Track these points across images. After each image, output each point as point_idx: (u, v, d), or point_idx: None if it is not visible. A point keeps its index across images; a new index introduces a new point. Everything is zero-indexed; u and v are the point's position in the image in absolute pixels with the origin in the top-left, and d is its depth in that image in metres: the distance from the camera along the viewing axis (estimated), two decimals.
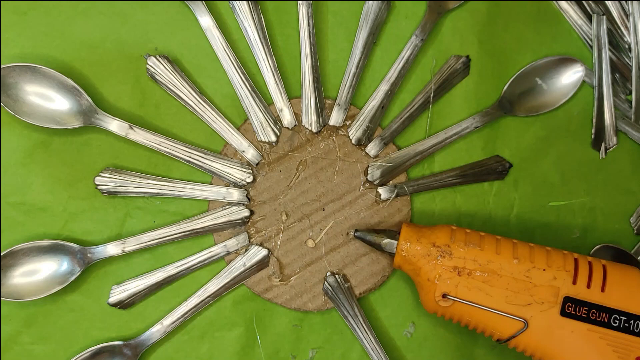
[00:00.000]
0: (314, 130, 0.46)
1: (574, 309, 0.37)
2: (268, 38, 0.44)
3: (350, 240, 0.45)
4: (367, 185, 0.46)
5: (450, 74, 0.46)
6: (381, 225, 0.45)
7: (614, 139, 0.47)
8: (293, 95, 0.46)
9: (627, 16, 0.47)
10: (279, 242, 0.45)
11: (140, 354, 0.43)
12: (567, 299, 0.38)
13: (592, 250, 0.46)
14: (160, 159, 0.45)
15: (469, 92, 0.47)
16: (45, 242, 0.42)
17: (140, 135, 0.43)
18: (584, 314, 0.37)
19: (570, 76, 0.46)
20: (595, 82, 0.47)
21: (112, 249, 0.43)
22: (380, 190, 0.46)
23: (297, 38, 0.45)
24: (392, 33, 0.46)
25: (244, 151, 0.45)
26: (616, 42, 0.48)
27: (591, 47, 0.47)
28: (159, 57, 0.43)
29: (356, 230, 0.44)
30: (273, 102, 0.45)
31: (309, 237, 0.45)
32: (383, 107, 0.46)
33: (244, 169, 0.45)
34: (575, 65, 0.46)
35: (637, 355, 0.37)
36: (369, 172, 0.46)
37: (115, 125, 0.43)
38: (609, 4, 0.47)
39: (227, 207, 0.45)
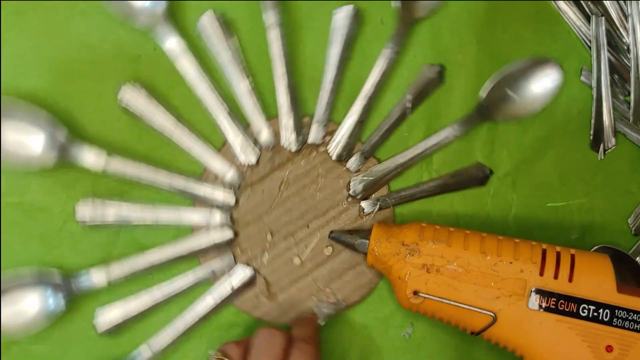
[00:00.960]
0: (294, 149, 0.46)
1: (542, 300, 0.38)
2: (243, 61, 0.44)
3: (335, 255, 0.46)
4: (350, 199, 0.46)
5: (425, 83, 0.46)
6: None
7: (613, 140, 0.46)
8: (271, 114, 0.46)
9: (626, 17, 0.46)
10: (265, 261, 0.46)
11: None
12: (535, 291, 0.38)
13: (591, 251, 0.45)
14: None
15: (452, 97, 0.47)
16: (29, 276, 0.43)
17: (118, 166, 0.43)
18: (552, 305, 0.37)
19: (547, 81, 0.45)
20: (593, 83, 0.46)
21: (98, 279, 0.43)
22: (363, 204, 0.46)
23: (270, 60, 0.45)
24: (365, 46, 0.46)
25: (224, 174, 0.45)
26: (615, 43, 0.47)
27: (590, 48, 0.47)
28: (131, 86, 0.43)
29: (332, 232, 0.45)
30: (250, 124, 0.46)
31: (294, 254, 0.46)
32: (362, 121, 0.46)
33: (226, 192, 0.45)
34: (552, 69, 0.45)
35: (608, 344, 0.37)
36: (351, 187, 0.46)
37: (90, 157, 0.43)
38: (607, 4, 0.46)
39: (211, 230, 0.45)
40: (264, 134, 0.46)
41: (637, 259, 0.45)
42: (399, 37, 0.45)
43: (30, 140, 0.42)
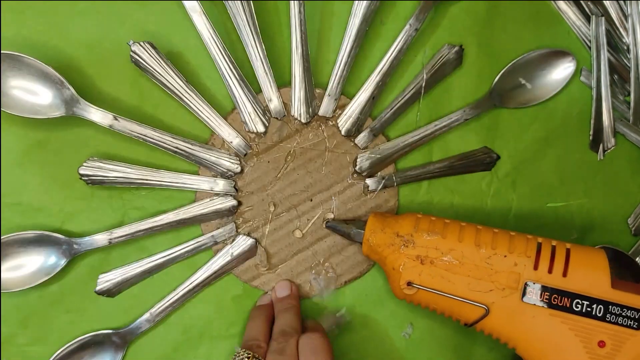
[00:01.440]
0: (303, 120, 0.45)
1: (535, 294, 0.38)
2: (257, 25, 0.43)
3: None
4: (355, 176, 0.46)
5: (442, 64, 0.45)
6: (368, 216, 0.46)
7: (612, 140, 0.47)
8: (282, 84, 0.45)
9: (626, 17, 0.46)
10: (266, 232, 0.45)
11: (129, 342, 0.44)
12: (528, 284, 0.38)
13: None
14: (147, 149, 0.44)
15: (463, 82, 0.46)
16: (31, 234, 0.42)
17: (124, 127, 0.42)
18: (546, 299, 0.37)
19: (561, 70, 0.46)
20: (593, 84, 0.47)
21: (99, 239, 0.43)
22: (368, 181, 0.46)
23: (287, 30, 0.43)
24: (385, 22, 0.45)
25: (231, 141, 0.44)
26: (615, 43, 0.47)
27: (590, 48, 0.47)
28: (143, 43, 0.41)
29: (327, 221, 0.45)
30: (262, 91, 0.44)
31: (296, 227, 0.46)
32: (374, 98, 0.45)
33: (231, 160, 0.44)
34: (566, 59, 0.46)
35: (600, 340, 0.37)
36: (357, 163, 0.45)
37: (98, 115, 0.42)
38: (607, 4, 0.46)
39: (214, 197, 0.44)
40: (275, 103, 0.44)
41: (637, 259, 0.47)
42: (420, 15, 0.44)
43: (36, 86, 0.41)
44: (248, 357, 0.38)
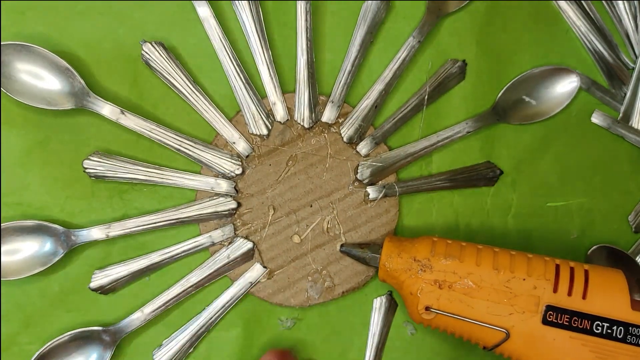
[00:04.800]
0: (306, 125, 0.45)
1: (556, 317, 0.37)
2: (265, 31, 0.44)
3: (335, 238, 0.45)
4: (356, 184, 0.46)
5: (445, 77, 0.46)
6: (368, 225, 0.45)
7: None
8: (287, 89, 0.46)
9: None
10: (264, 236, 0.45)
11: (119, 340, 0.43)
12: (548, 307, 0.37)
13: (590, 251, 0.46)
14: (147, 148, 0.44)
15: (466, 95, 0.47)
16: (30, 222, 0.42)
17: (131, 121, 0.43)
18: (566, 321, 0.37)
19: (565, 86, 0.46)
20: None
21: (96, 232, 0.43)
22: (369, 189, 0.46)
23: (294, 36, 0.45)
24: (389, 33, 0.46)
25: (234, 143, 0.45)
26: (615, 42, 0.48)
27: (588, 47, 0.47)
28: (155, 43, 0.43)
29: (342, 245, 0.44)
30: (266, 95, 0.45)
31: (294, 232, 0.45)
32: (376, 106, 0.46)
33: (233, 161, 0.45)
34: (570, 76, 0.46)
35: None
36: (358, 170, 0.45)
37: (107, 109, 0.43)
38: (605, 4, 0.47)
39: (214, 197, 0.45)
40: (279, 108, 0.45)
41: (637, 258, 0.46)
42: (424, 28, 0.46)
43: (48, 77, 0.42)
44: None
